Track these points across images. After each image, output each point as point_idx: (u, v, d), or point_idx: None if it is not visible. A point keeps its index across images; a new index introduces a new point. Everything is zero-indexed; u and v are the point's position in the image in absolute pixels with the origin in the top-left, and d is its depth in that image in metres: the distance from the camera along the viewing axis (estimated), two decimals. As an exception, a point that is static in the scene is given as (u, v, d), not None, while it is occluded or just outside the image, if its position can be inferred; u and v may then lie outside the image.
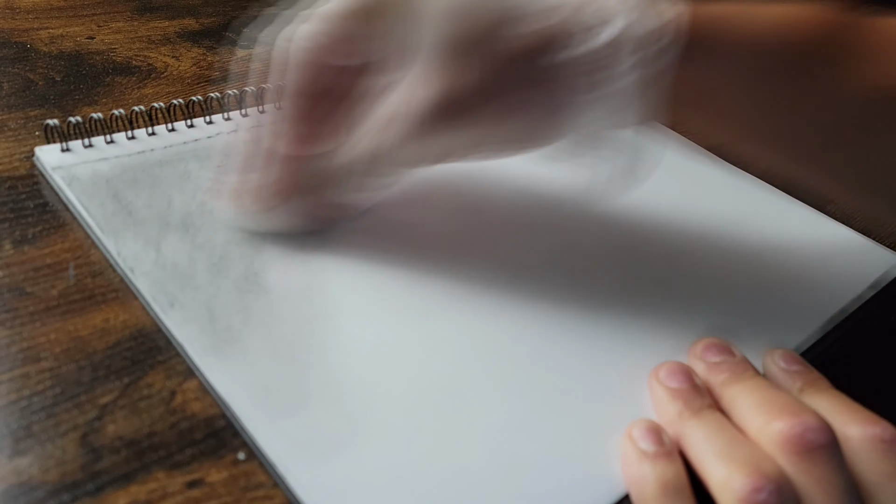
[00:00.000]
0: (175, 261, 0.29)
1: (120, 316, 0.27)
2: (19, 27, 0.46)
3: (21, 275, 0.28)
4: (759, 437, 0.23)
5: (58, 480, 0.22)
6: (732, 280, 0.33)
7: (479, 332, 0.28)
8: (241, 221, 0.31)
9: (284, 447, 0.23)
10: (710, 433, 0.23)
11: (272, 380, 0.25)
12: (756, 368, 0.26)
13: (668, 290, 0.32)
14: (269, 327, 0.27)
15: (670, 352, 0.28)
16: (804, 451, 0.21)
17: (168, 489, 0.22)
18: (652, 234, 0.35)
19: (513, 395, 0.26)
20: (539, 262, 0.32)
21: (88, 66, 0.43)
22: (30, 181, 0.33)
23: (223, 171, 0.33)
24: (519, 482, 0.23)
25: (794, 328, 0.31)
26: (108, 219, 0.30)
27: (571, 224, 0.35)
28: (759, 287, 0.33)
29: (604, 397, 0.26)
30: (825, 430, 0.22)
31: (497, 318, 0.29)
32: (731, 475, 0.21)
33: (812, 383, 0.26)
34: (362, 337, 0.27)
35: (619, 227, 0.35)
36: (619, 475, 0.24)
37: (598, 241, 0.34)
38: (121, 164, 0.33)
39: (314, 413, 0.24)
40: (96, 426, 0.23)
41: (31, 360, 0.25)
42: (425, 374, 0.26)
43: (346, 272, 0.30)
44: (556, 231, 0.34)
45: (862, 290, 0.33)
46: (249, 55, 0.47)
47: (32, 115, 0.37)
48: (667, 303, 0.31)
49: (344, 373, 0.26)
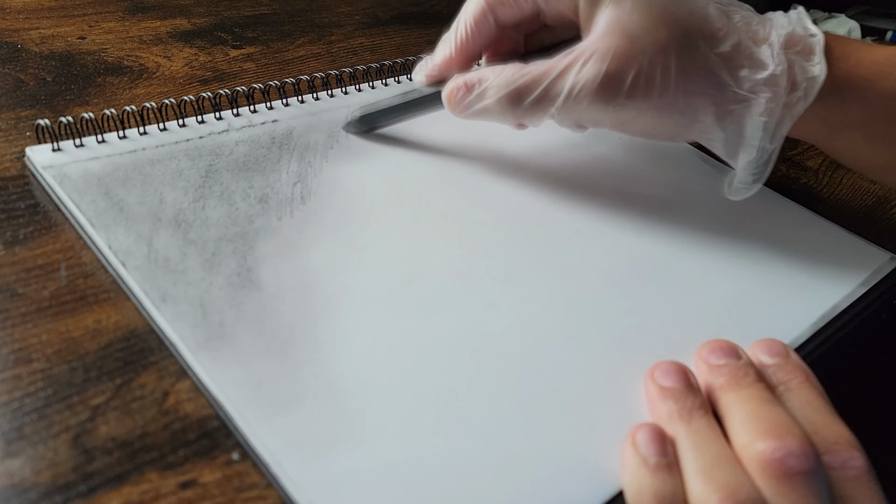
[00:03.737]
0: (167, 256, 0.29)
1: (112, 317, 0.27)
2: (10, 27, 0.45)
3: (12, 276, 0.28)
4: (743, 454, 0.23)
5: (50, 482, 0.21)
6: (724, 278, 0.33)
7: (473, 329, 0.28)
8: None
9: (278, 445, 0.23)
10: (697, 444, 0.23)
11: (265, 377, 0.25)
12: (758, 373, 0.26)
13: (660, 289, 0.32)
14: (262, 324, 0.27)
15: (663, 349, 0.28)
16: (783, 476, 0.22)
17: (161, 490, 0.22)
18: (645, 233, 0.35)
19: (507, 393, 0.26)
20: (533, 260, 0.32)
21: (79, 66, 0.43)
22: (21, 182, 0.33)
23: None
24: (513, 480, 0.23)
25: (785, 326, 0.31)
26: (100, 214, 0.30)
27: (567, 222, 0.35)
28: (750, 285, 0.33)
29: (598, 395, 0.26)
30: (807, 455, 0.22)
31: (492, 315, 0.29)
32: (707, 496, 0.21)
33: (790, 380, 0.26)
34: (356, 334, 0.27)
35: (614, 225, 0.35)
36: (613, 473, 0.24)
37: (592, 239, 0.34)
38: (112, 162, 0.33)
39: (308, 411, 0.24)
40: (88, 427, 0.23)
41: (23, 362, 0.25)
42: (419, 371, 0.26)
43: (340, 268, 0.30)
44: (552, 229, 0.34)
45: (853, 287, 0.33)
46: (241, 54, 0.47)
47: (23, 115, 0.37)
48: (659, 301, 0.31)
49: (338, 370, 0.26)
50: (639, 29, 0.30)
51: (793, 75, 0.31)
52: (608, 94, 0.30)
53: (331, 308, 0.28)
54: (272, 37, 0.50)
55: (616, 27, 0.30)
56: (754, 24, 0.31)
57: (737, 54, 0.30)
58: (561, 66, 0.31)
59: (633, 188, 0.38)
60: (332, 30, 0.53)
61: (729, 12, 0.31)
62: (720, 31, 0.31)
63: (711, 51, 0.30)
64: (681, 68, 0.30)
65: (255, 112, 0.39)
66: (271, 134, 0.37)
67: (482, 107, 0.33)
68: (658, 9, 0.30)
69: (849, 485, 0.22)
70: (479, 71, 0.34)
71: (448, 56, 0.35)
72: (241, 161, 0.35)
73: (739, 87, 0.30)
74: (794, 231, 0.37)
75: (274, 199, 0.33)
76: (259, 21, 0.53)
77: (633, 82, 0.30)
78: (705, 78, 0.30)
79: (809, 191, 0.44)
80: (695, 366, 0.27)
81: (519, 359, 0.27)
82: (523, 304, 0.30)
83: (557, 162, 0.39)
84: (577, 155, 0.40)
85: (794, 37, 0.31)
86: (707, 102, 0.31)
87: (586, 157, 0.40)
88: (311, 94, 0.41)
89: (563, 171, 0.39)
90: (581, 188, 0.38)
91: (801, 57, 0.31)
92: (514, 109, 0.32)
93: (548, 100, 0.32)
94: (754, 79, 0.30)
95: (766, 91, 0.30)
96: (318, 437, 0.23)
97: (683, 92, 0.30)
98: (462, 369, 0.27)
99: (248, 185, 0.34)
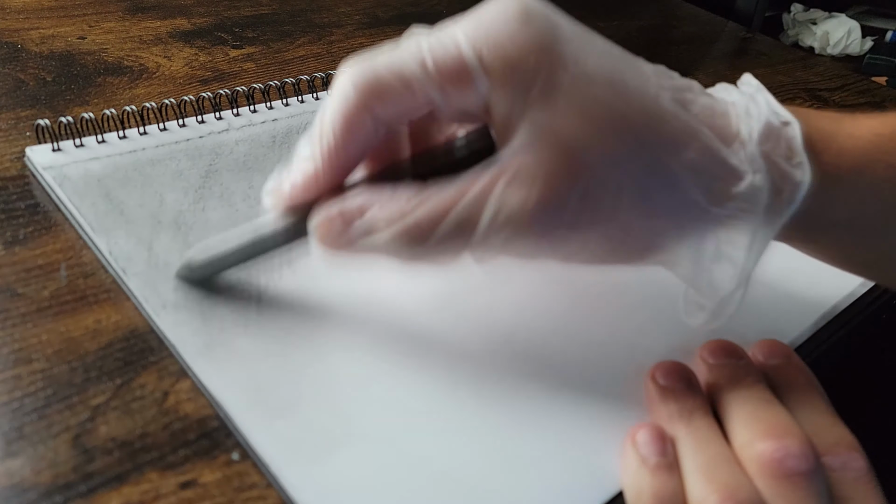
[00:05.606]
0: (167, 260, 0.29)
1: (112, 317, 0.27)
2: (10, 27, 0.45)
3: (12, 276, 0.28)
4: (742, 454, 0.23)
5: (50, 482, 0.21)
6: (725, 278, 0.33)
7: (473, 331, 0.28)
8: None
9: (278, 447, 0.23)
10: (696, 444, 0.23)
11: (265, 380, 0.25)
12: (759, 374, 0.26)
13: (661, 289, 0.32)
14: (261, 328, 0.27)
15: (664, 349, 0.28)
16: (783, 477, 0.21)
17: (161, 490, 0.22)
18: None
19: (506, 394, 0.26)
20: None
21: (79, 66, 0.43)
22: (21, 182, 0.33)
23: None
24: (513, 481, 0.23)
25: (785, 325, 0.31)
26: (100, 218, 0.30)
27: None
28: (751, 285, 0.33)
29: (598, 395, 0.26)
30: (806, 456, 0.22)
31: (492, 316, 0.29)
32: (707, 496, 0.21)
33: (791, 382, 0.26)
34: (355, 337, 0.27)
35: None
36: (613, 473, 0.24)
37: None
38: (112, 163, 0.33)
39: (307, 413, 0.24)
40: (88, 427, 0.23)
41: (23, 362, 0.25)
42: (418, 373, 0.26)
43: (339, 272, 0.30)
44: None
45: (853, 287, 0.33)
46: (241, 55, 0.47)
47: (23, 115, 0.37)
48: (660, 300, 0.31)
49: (337, 373, 0.26)
50: (578, 137, 0.23)
51: (773, 181, 0.24)
52: (542, 226, 0.23)
53: (330, 311, 0.28)
54: (272, 37, 0.50)
55: (547, 135, 0.23)
56: (717, 115, 0.25)
57: (705, 161, 0.24)
58: (476, 189, 0.23)
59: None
60: (332, 30, 0.53)
61: (685, 101, 0.24)
62: (681, 131, 0.23)
63: (673, 159, 0.23)
64: (637, 186, 0.23)
65: (255, 112, 0.39)
66: (271, 133, 0.37)
67: (369, 244, 0.24)
68: (601, 109, 0.23)
69: (849, 486, 0.22)
70: (358, 195, 0.25)
71: (312, 173, 0.25)
72: (241, 161, 0.35)
73: (714, 205, 0.24)
74: (795, 231, 0.37)
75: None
76: (259, 21, 0.53)
77: (576, 208, 0.23)
78: (669, 195, 0.24)
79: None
80: (695, 366, 0.27)
81: (519, 359, 0.27)
82: (524, 304, 0.30)
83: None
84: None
85: (766, 129, 0.24)
86: (671, 225, 0.24)
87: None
88: (312, 94, 0.41)
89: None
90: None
91: (779, 156, 0.24)
92: (415, 248, 0.24)
93: (461, 235, 0.23)
94: (730, 192, 0.24)
95: (746, 206, 0.24)
96: (318, 438, 0.23)
97: (641, 215, 0.24)
98: (462, 371, 0.27)
99: (248, 185, 0.34)
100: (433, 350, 0.27)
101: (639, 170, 0.23)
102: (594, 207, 0.23)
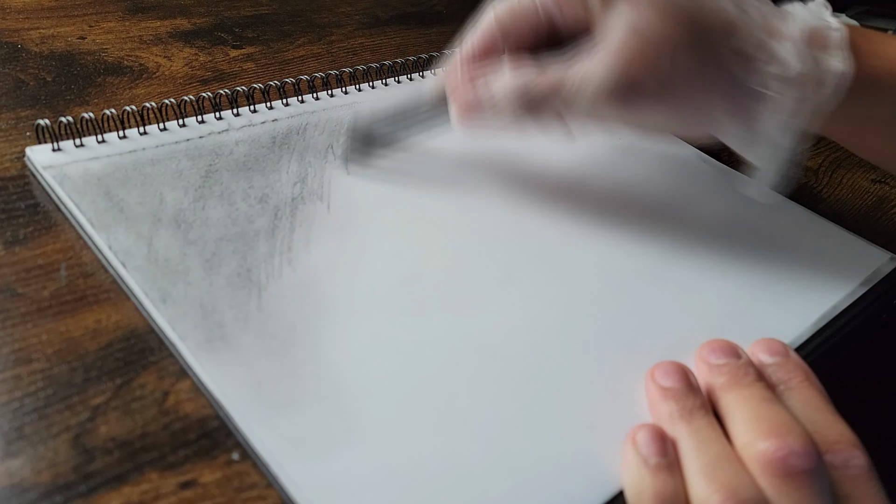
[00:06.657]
0: (167, 256, 0.29)
1: (112, 317, 0.27)
2: (10, 27, 0.45)
3: (12, 276, 0.28)
4: (744, 453, 0.23)
5: (50, 482, 0.21)
6: (725, 278, 0.33)
7: (473, 329, 0.28)
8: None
9: (278, 446, 0.23)
10: (698, 444, 0.23)
11: (265, 377, 0.25)
12: (758, 373, 0.26)
13: (661, 289, 0.32)
14: (262, 324, 0.27)
15: (663, 349, 0.28)
16: (786, 475, 0.21)
17: (161, 490, 0.22)
18: (645, 233, 0.35)
19: (507, 393, 0.26)
20: (533, 260, 0.32)
21: (80, 66, 0.43)
22: (21, 181, 0.33)
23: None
24: (513, 480, 0.23)
25: (785, 326, 0.31)
26: (100, 215, 0.30)
27: (566, 221, 0.35)
28: (751, 285, 0.33)
29: (598, 395, 0.26)
30: (809, 454, 0.22)
31: (491, 315, 0.29)
32: (709, 496, 0.21)
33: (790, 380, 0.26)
34: (356, 335, 0.27)
35: (614, 225, 0.35)
36: (613, 473, 0.24)
37: (592, 239, 0.34)
38: (112, 162, 0.33)
39: (308, 411, 0.24)
40: (88, 427, 0.23)
41: (23, 362, 0.25)
42: (419, 372, 0.26)
43: (340, 268, 0.30)
44: (553, 230, 0.34)
45: (853, 287, 0.33)
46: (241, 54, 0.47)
47: (23, 115, 0.37)
48: (659, 301, 0.31)
49: (338, 371, 0.26)
50: (652, 27, 0.29)
51: (818, 73, 0.30)
52: (623, 94, 0.30)
53: (331, 308, 0.28)
54: (272, 37, 0.50)
55: (629, 26, 0.30)
56: (772, 17, 0.31)
57: (753, 49, 0.30)
58: (576, 68, 0.31)
59: (634, 189, 0.38)
60: (332, 30, 0.53)
61: (744, 5, 0.31)
62: (734, 25, 0.30)
63: (726, 46, 0.30)
64: (695, 65, 0.30)
65: (255, 112, 0.39)
66: (271, 134, 0.37)
67: (493, 106, 0.32)
68: (670, 6, 0.30)
69: (850, 484, 0.22)
70: (489, 80, 0.33)
71: (453, 65, 0.34)
72: (241, 161, 0.35)
73: (755, 84, 0.30)
74: (794, 231, 0.37)
75: (274, 199, 0.33)
76: (259, 21, 0.53)
77: (648, 81, 0.30)
78: (720, 74, 0.30)
79: (809, 191, 0.44)
80: (695, 366, 0.27)
81: (519, 359, 0.27)
82: (524, 304, 0.30)
83: (557, 163, 0.39)
84: (577, 156, 0.40)
85: (815, 31, 0.30)
86: (721, 98, 0.30)
87: (586, 157, 0.40)
88: (312, 93, 0.41)
89: (564, 171, 0.39)
90: (581, 189, 0.38)
91: (824, 53, 0.30)
92: (528, 111, 0.32)
93: (563, 102, 0.31)
94: (774, 74, 0.30)
95: (792, 90, 0.29)
96: (318, 437, 0.23)
97: (698, 88, 0.30)
98: (462, 369, 0.27)
99: (248, 184, 0.34)
100: (434, 349, 0.27)
101: (697, 52, 0.30)
102: (662, 81, 0.30)
